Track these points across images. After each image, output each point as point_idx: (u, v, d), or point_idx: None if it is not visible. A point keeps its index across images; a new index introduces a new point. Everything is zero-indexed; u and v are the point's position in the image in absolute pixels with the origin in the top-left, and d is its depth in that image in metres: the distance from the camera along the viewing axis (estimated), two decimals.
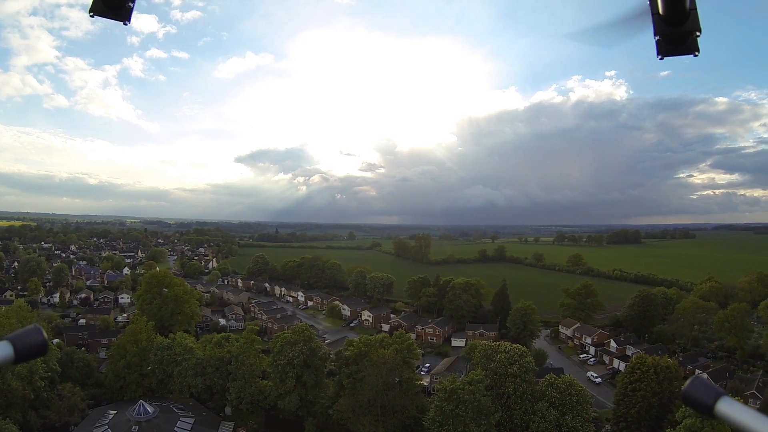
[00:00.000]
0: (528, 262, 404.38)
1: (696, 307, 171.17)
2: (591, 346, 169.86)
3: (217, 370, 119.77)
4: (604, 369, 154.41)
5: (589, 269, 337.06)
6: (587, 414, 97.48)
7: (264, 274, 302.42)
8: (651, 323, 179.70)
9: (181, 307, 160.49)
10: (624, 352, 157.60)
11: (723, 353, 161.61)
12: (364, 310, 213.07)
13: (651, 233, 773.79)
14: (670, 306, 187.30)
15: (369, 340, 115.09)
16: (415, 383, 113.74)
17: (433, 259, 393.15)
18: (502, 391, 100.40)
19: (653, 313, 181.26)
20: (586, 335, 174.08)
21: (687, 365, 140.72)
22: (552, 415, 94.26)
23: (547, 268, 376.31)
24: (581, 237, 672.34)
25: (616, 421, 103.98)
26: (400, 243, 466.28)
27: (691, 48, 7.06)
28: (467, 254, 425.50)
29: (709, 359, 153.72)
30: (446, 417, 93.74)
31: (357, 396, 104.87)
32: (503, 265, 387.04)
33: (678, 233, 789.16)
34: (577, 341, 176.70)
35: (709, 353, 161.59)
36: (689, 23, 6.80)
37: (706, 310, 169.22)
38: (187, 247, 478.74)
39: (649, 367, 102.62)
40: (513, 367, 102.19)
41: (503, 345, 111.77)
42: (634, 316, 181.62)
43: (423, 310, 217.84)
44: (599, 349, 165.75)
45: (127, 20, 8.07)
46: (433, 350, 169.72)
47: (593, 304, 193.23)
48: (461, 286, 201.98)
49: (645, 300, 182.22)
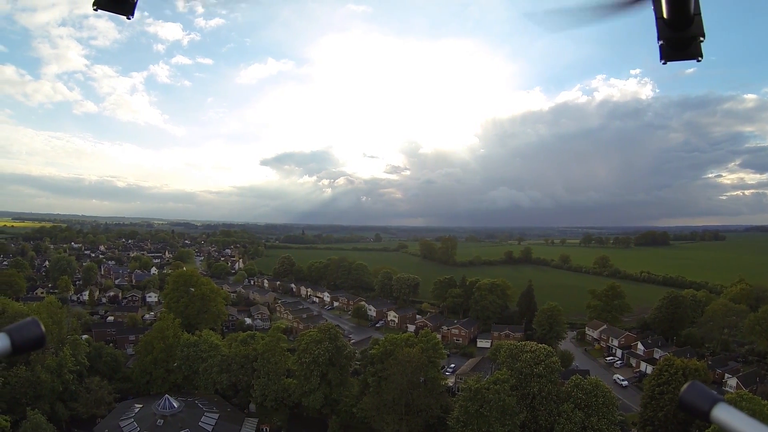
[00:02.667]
0: (554, 263, 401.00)
1: (726, 309, 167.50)
2: (618, 348, 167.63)
3: (242, 368, 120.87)
4: (630, 372, 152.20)
5: (616, 271, 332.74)
6: (613, 416, 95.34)
7: (290, 275, 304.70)
8: (679, 326, 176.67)
9: (208, 306, 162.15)
10: (651, 355, 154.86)
11: (754, 357, 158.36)
12: (389, 311, 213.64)
13: (679, 235, 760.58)
14: (699, 309, 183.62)
15: (395, 338, 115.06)
16: (440, 383, 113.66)
17: (458, 261, 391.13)
18: (527, 392, 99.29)
19: (682, 316, 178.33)
20: (612, 337, 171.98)
21: (716, 369, 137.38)
22: (577, 417, 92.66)
23: (574, 269, 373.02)
24: (608, 239, 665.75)
25: (643, 424, 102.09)
26: (426, 245, 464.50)
27: (694, 53, 7.14)
28: (493, 256, 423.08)
29: (739, 363, 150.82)
30: (470, 416, 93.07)
31: (381, 394, 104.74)
32: (529, 266, 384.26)
33: (707, 235, 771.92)
34: (604, 343, 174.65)
35: (739, 357, 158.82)
36: (693, 28, 6.83)
37: (736, 313, 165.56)
38: (214, 248, 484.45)
39: (677, 369, 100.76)
40: (539, 367, 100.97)
41: (529, 345, 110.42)
42: (662, 319, 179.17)
43: (449, 311, 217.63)
44: (626, 352, 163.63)
45: (130, 14, 8.12)
46: (459, 351, 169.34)
47: (620, 306, 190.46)
48: (487, 287, 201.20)
49: (673, 302, 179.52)
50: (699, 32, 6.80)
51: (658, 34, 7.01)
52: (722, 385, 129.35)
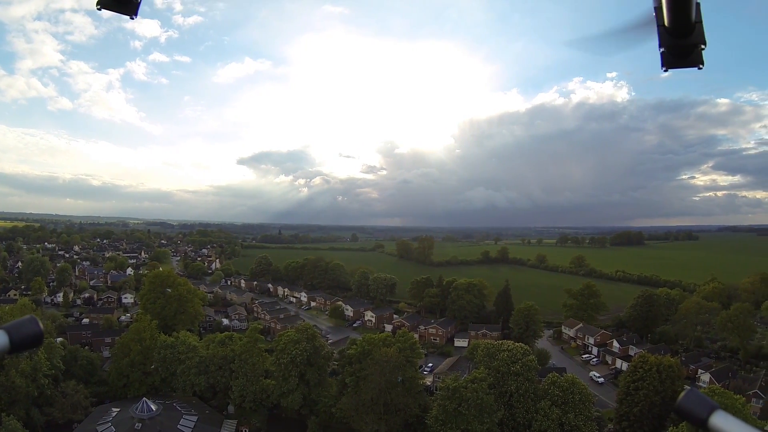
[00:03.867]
0: (531, 263, 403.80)
1: (699, 307, 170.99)
2: (594, 346, 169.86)
3: (220, 369, 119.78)
4: (606, 369, 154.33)
5: (591, 270, 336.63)
6: (590, 413, 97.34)
7: (267, 275, 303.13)
8: (654, 324, 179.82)
9: (185, 307, 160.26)
10: (627, 352, 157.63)
11: (726, 353, 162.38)
12: (367, 311, 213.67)
13: (654, 235, 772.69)
14: (673, 307, 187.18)
15: (372, 338, 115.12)
16: (418, 382, 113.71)
17: (435, 261, 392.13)
18: (505, 390, 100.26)
19: (656, 314, 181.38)
20: (588, 336, 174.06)
21: (689, 365, 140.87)
22: (554, 414, 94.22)
23: (550, 269, 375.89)
24: (584, 239, 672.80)
25: (619, 420, 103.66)
26: (402, 244, 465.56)
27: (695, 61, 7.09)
28: (470, 256, 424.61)
29: (712, 359, 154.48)
30: (449, 415, 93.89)
31: (360, 394, 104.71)
32: (506, 266, 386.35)
33: (681, 235, 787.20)
34: (580, 341, 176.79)
35: (711, 353, 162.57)
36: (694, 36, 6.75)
37: (708, 311, 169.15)
38: (190, 248, 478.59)
39: (652, 366, 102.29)
40: (516, 365, 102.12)
41: (506, 344, 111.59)
42: (636, 317, 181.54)
43: (426, 310, 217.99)
44: (602, 350, 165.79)
45: (134, 14, 8.05)
46: (436, 350, 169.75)
47: (596, 305, 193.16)
48: (464, 286, 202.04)
49: (648, 301, 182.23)
50: (700, 40, 6.81)
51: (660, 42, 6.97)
52: (695, 381, 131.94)
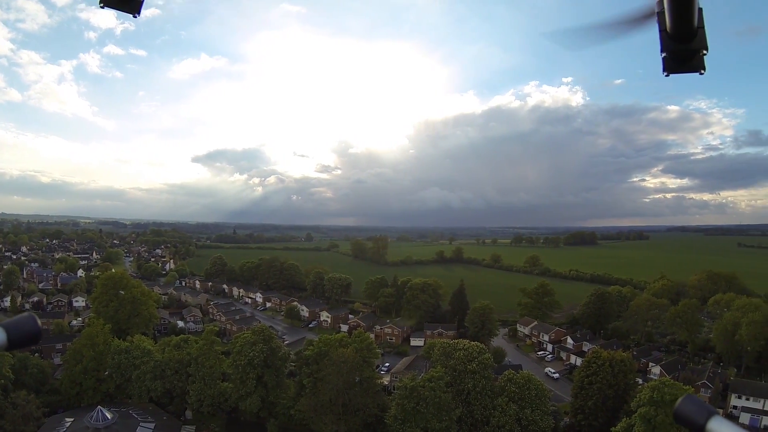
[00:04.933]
0: (486, 263, 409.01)
1: (649, 304, 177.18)
2: (548, 343, 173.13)
3: (176, 373, 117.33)
4: (561, 365, 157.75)
5: (546, 270, 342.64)
6: (546, 407, 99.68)
7: (222, 275, 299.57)
8: (606, 320, 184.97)
9: (139, 310, 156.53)
10: (580, 348, 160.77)
11: (675, 347, 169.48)
12: (322, 311, 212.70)
13: (606, 235, 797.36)
14: (625, 304, 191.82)
15: (329, 339, 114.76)
16: (376, 382, 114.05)
17: (390, 260, 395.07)
18: (462, 388, 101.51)
19: (608, 311, 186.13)
20: (543, 333, 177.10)
21: (641, 359, 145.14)
22: (512, 410, 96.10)
23: (505, 268, 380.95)
24: (538, 238, 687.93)
25: (574, 413, 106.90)
26: (357, 244, 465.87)
27: (697, 66, 7.03)
28: (425, 255, 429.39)
29: (662, 353, 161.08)
30: (408, 414, 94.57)
31: (318, 395, 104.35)
32: (461, 266, 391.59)
33: (632, 235, 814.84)
34: (535, 339, 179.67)
35: (662, 347, 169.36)
36: (696, 41, 6.77)
37: (658, 307, 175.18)
38: (144, 248, 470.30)
39: (605, 361, 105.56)
40: (472, 364, 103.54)
41: (462, 343, 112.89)
42: (590, 314, 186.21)
43: (381, 310, 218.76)
44: (556, 346, 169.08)
45: (137, 12, 7.81)
46: (393, 350, 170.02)
47: (550, 303, 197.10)
48: (419, 286, 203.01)
49: (600, 298, 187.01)
50: (702, 45, 6.79)
51: (662, 47, 6.97)
52: (647, 374, 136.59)
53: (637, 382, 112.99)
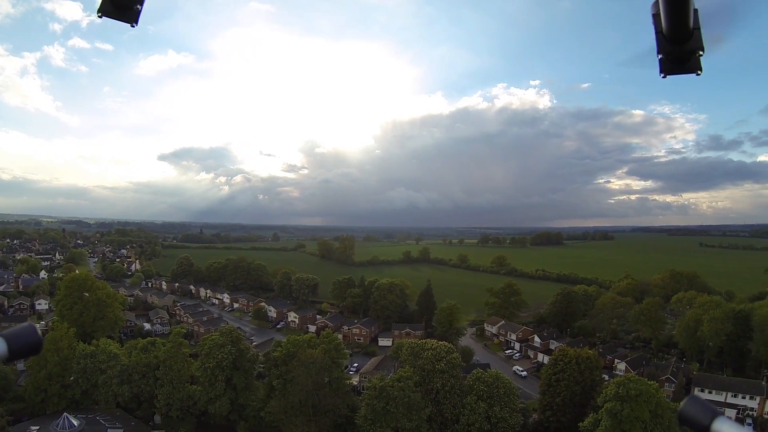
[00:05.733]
0: (452, 263, 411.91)
1: (614, 302, 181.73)
2: (516, 342, 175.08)
3: (143, 377, 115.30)
4: (529, 363, 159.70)
5: (512, 269, 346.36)
6: (515, 405, 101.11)
7: (189, 276, 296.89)
8: (572, 319, 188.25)
9: (104, 312, 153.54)
10: (547, 346, 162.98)
11: (640, 343, 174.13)
12: (290, 312, 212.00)
13: (572, 235, 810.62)
14: (591, 302, 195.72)
15: (297, 340, 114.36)
16: (345, 382, 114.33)
17: (357, 261, 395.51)
18: (431, 387, 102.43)
19: (574, 310, 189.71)
20: (510, 332, 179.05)
21: (607, 355, 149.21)
22: (481, 408, 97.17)
23: (472, 268, 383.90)
24: (505, 239, 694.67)
25: (543, 409, 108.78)
26: (324, 244, 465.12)
27: (693, 67, 6.87)
28: (391, 255, 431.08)
29: (627, 349, 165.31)
30: (378, 414, 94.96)
31: (288, 397, 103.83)
32: (428, 266, 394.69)
33: (597, 235, 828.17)
34: (503, 338, 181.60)
35: (627, 344, 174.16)
36: (692, 42, 6.65)
37: (623, 305, 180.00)
38: (109, 248, 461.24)
39: (571, 358, 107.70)
40: (440, 363, 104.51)
41: (430, 342, 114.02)
42: (556, 313, 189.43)
43: (349, 310, 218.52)
44: (524, 345, 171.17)
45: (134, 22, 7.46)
46: (361, 350, 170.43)
47: (517, 303, 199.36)
48: (386, 286, 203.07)
49: (566, 297, 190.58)
50: (698, 47, 6.67)
51: (658, 48, 6.84)
52: (613, 370, 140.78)
53: (604, 378, 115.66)
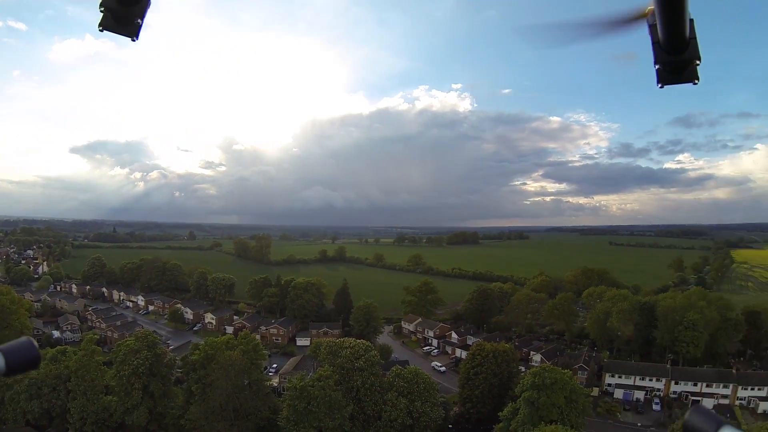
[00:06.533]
0: (369, 262, 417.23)
1: (529, 298, 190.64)
2: (434, 338, 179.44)
3: (54, 390, 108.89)
4: (447, 358, 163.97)
5: (429, 268, 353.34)
6: (435, 399, 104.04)
7: (101, 277, 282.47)
8: (489, 315, 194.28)
9: (8, 320, 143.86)
10: (465, 342, 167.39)
11: (554, 336, 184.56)
12: (207, 313, 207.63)
13: (488, 235, 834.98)
14: (506, 299, 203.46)
15: (215, 342, 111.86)
16: (265, 384, 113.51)
17: (273, 260, 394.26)
18: (352, 385, 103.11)
19: (490, 306, 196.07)
20: (428, 329, 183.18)
21: (523, 348, 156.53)
22: (402, 403, 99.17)
23: (388, 267, 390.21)
24: (421, 238, 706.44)
25: (463, 402, 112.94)
26: (240, 243, 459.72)
27: (690, 76, 6.95)
28: (308, 254, 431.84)
29: (542, 342, 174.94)
30: (300, 415, 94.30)
31: (208, 402, 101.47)
32: (344, 265, 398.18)
33: (513, 235, 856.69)
34: (420, 335, 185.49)
35: (541, 337, 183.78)
36: (689, 52, 6.70)
37: (537, 301, 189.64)
38: (13, 249, 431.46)
39: (489, 352, 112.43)
40: (359, 361, 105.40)
41: (348, 341, 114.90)
42: (473, 309, 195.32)
43: (266, 310, 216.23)
44: (441, 341, 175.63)
45: (135, 36, 7.59)
46: (279, 350, 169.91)
47: (434, 300, 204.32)
48: (303, 285, 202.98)
49: (483, 294, 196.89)
50: (695, 56, 6.73)
51: (655, 59, 6.90)
52: (528, 362, 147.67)
53: (520, 369, 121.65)
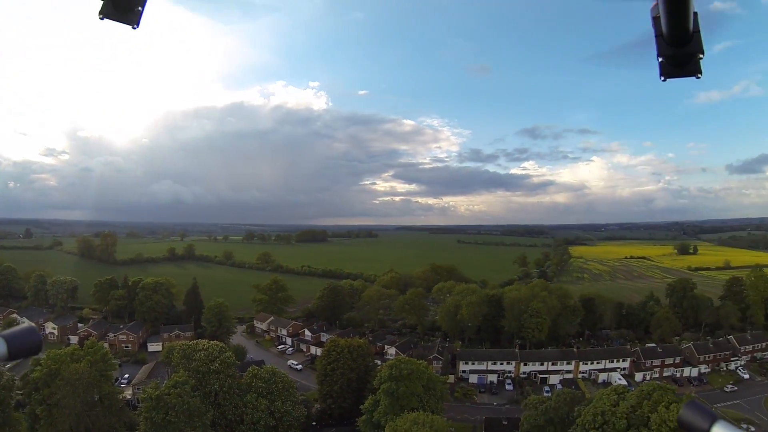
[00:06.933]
0: (218, 260, 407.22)
1: (379, 294, 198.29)
2: (287, 337, 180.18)
3: None
4: (302, 356, 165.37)
5: (278, 266, 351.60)
6: (295, 397, 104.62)
7: None
8: (341, 311, 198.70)
9: None
10: (319, 339, 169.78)
11: (406, 329, 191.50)
12: (47, 322, 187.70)
13: (337, 233, 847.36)
14: (357, 295, 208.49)
15: (58, 355, 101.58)
16: (118, 397, 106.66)
17: (120, 259, 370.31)
18: (209, 390, 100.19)
19: (342, 303, 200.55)
20: (281, 327, 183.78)
21: (377, 343, 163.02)
22: (263, 404, 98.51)
23: (238, 266, 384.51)
24: (270, 236, 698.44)
25: (323, 398, 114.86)
26: (84, 241, 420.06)
27: (693, 70, 7.02)
28: (156, 253, 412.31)
29: (395, 336, 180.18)
30: (158, 427, 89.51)
31: (56, 424, 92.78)
32: (193, 263, 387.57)
33: (362, 233, 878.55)
34: (274, 334, 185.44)
35: (394, 331, 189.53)
36: (692, 45, 6.75)
37: (388, 296, 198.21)
38: None
39: (343, 348, 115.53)
40: (214, 363, 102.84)
41: (201, 343, 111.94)
42: (324, 306, 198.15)
43: (113, 315, 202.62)
44: (295, 339, 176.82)
45: (135, 24, 7.58)
46: (130, 358, 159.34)
47: (285, 298, 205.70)
48: (151, 286, 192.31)
49: (333, 291, 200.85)
50: (698, 49, 6.76)
51: (658, 51, 6.94)
52: (384, 355, 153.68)
53: (376, 363, 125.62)
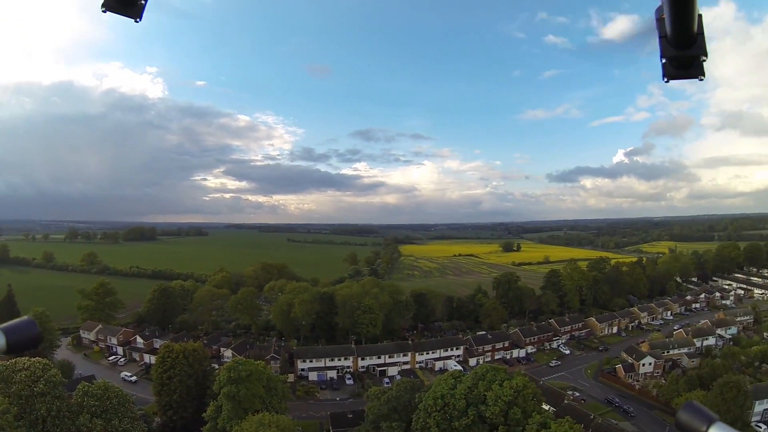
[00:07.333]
0: (37, 262, 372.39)
1: (211, 294, 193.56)
2: (118, 346, 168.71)
3: None
4: (136, 366, 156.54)
5: (105, 268, 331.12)
6: (133, 413, 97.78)
7: None
8: (173, 314, 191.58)
9: None
10: (152, 345, 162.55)
11: (241, 330, 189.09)
12: None
13: (167, 230, 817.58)
14: (189, 297, 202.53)
15: None
16: None
17: None
18: (36, 416, 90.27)
19: (173, 305, 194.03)
20: (110, 336, 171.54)
21: (212, 345, 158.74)
22: (98, 426, 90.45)
23: (60, 268, 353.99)
24: (96, 234, 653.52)
25: (163, 410, 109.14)
26: None
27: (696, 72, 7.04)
28: None
29: (230, 337, 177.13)
30: None
31: None
32: (7, 267, 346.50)
33: (192, 231, 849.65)
34: (103, 344, 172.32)
35: (229, 332, 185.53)
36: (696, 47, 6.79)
37: (220, 297, 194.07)
38: None
39: (178, 353, 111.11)
40: (38, 384, 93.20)
41: (21, 362, 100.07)
42: (155, 310, 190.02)
43: None
44: (127, 348, 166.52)
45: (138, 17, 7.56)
46: None
47: (113, 303, 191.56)
48: None
49: (164, 294, 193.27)
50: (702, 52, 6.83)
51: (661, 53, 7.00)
52: (221, 358, 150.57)
53: (214, 367, 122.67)
